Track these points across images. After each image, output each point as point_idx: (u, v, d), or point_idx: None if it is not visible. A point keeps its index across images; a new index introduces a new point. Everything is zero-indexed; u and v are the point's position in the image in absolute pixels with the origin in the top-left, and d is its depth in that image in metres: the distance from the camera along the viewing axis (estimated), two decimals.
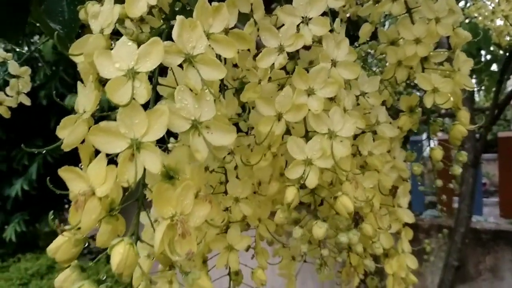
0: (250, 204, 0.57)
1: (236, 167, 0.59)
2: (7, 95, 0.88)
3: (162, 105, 0.34)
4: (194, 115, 0.35)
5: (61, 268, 0.36)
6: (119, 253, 0.31)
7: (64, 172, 0.35)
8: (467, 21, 2.26)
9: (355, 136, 0.60)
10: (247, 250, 0.60)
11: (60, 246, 0.35)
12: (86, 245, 0.36)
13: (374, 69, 1.26)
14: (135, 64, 0.34)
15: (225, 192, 0.58)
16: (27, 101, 0.93)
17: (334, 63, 0.50)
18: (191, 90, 0.36)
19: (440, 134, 0.72)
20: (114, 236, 0.35)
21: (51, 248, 0.35)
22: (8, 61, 0.86)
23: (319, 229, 0.47)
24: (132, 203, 0.37)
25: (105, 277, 0.35)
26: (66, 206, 5.05)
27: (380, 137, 0.62)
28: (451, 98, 0.63)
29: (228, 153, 0.58)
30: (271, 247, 0.75)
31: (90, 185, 0.34)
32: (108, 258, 0.33)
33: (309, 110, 0.47)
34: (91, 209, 0.33)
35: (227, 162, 0.57)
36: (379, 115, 0.63)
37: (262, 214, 0.61)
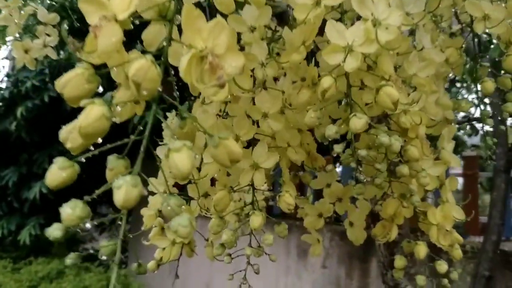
0: (280, 119, 0.52)
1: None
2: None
3: None
4: None
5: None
6: (139, 63, 0.27)
7: (84, 4, 0.31)
8: None
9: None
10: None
11: (71, 80, 0.30)
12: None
13: None
14: None
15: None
16: (53, 55, 0.92)
17: None
18: None
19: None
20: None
21: (60, 82, 0.31)
22: (37, 9, 0.85)
23: (358, 120, 0.42)
24: None
25: None
26: None
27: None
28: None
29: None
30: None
31: (112, 11, 0.30)
32: None
33: None
34: (111, 32, 0.29)
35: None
36: (423, 39, 0.58)
37: (291, 139, 0.55)
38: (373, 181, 0.57)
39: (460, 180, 3.01)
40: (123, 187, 0.27)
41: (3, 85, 4.40)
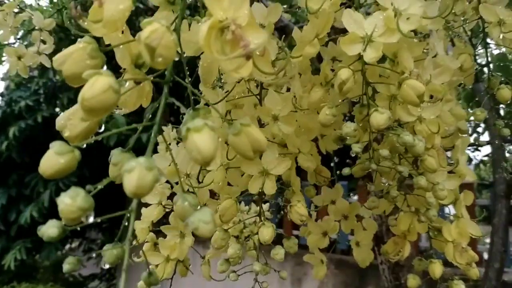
0: (292, 122, 0.48)
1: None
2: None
3: None
4: None
5: None
6: (153, 26, 0.23)
7: None
8: None
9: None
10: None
11: (71, 55, 0.26)
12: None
13: None
14: None
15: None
16: (47, 62, 0.88)
17: None
18: None
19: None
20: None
21: (58, 57, 0.27)
22: (33, 13, 0.82)
23: (380, 116, 0.38)
24: None
25: None
26: (70, 240, 4.91)
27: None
28: None
29: None
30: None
31: None
32: None
33: None
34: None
35: None
36: (437, 46, 0.55)
37: (301, 145, 0.52)
38: (387, 194, 0.53)
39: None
40: (136, 170, 0.23)
41: None
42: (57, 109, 4.15)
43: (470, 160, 4.42)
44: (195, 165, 0.61)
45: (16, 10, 0.84)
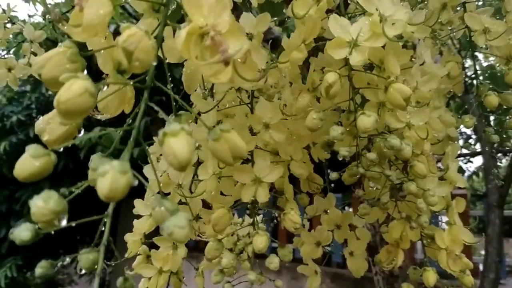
0: (283, 130, 0.48)
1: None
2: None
3: None
4: None
5: None
6: (131, 30, 0.23)
7: None
8: None
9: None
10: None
11: (50, 59, 0.26)
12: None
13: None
14: None
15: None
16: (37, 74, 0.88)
17: None
18: None
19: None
20: None
21: (37, 61, 0.27)
22: (24, 25, 0.82)
23: (367, 119, 0.39)
24: None
25: None
26: (61, 252, 4.83)
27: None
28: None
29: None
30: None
31: None
32: None
33: None
34: (99, 3, 0.26)
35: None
36: (424, 54, 0.56)
37: (293, 152, 0.52)
38: (378, 201, 0.53)
39: None
40: (109, 174, 0.23)
41: None
42: None
43: (463, 171, 4.45)
44: (188, 175, 0.61)
45: (6, 21, 0.84)
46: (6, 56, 0.88)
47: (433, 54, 0.65)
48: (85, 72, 0.28)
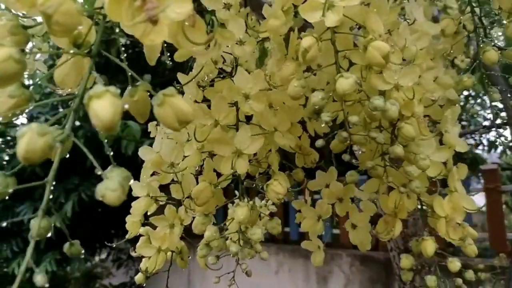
0: (262, 100, 0.47)
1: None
2: None
3: None
4: None
5: None
6: None
7: None
8: None
9: None
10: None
11: None
12: None
13: None
14: None
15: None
16: (43, 68, 0.90)
17: None
18: None
19: None
20: None
21: None
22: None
23: (345, 81, 0.37)
24: None
25: None
26: (98, 246, 5.02)
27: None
28: None
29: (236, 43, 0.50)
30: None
31: None
32: None
33: None
34: None
35: None
36: (415, 12, 0.53)
37: (279, 124, 0.50)
38: (372, 169, 0.52)
39: (482, 197, 2.80)
40: (27, 135, 0.23)
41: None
42: None
43: (495, 146, 4.26)
44: (179, 153, 0.61)
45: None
46: None
47: (428, 12, 0.61)
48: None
